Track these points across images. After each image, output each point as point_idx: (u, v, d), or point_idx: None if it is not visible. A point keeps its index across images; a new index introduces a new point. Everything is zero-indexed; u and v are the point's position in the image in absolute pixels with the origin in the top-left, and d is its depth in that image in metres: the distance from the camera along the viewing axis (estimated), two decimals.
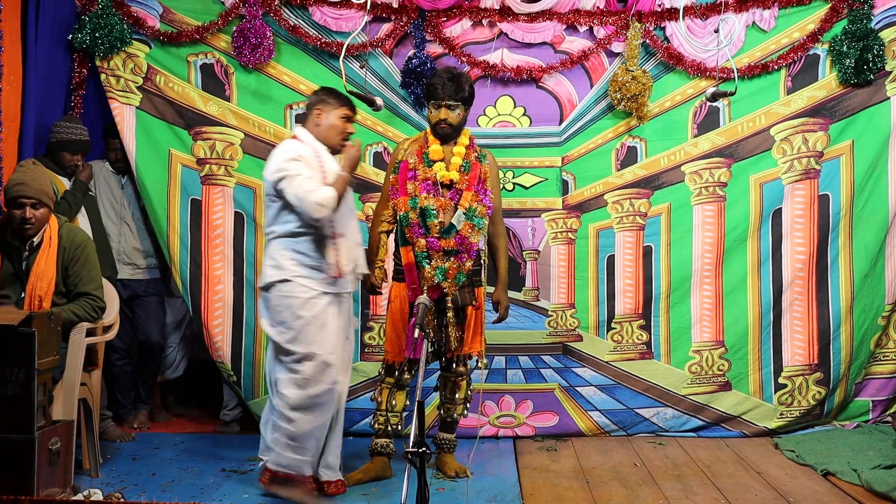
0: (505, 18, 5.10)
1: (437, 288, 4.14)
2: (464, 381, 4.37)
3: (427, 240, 4.13)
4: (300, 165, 3.83)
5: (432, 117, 4.20)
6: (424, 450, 2.79)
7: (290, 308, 3.86)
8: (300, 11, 5.09)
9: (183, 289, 5.08)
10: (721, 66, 5.01)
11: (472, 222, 4.16)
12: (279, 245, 3.92)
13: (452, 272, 4.14)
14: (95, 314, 4.18)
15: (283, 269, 3.87)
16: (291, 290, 3.86)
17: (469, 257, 4.18)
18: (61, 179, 4.74)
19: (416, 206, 4.14)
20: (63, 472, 3.58)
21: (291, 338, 3.86)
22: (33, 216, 4.03)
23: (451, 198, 4.16)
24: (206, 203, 5.11)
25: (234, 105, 5.11)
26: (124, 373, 5.15)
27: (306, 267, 3.87)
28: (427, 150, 4.22)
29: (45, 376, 3.56)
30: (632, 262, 5.18)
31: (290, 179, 3.79)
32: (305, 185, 3.77)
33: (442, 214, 4.14)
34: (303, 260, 3.87)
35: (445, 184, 4.17)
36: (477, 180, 4.20)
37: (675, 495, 4.05)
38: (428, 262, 4.13)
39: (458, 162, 4.19)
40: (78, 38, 4.93)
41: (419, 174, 4.18)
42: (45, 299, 4.04)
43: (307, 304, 3.86)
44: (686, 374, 5.14)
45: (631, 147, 5.19)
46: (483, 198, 4.20)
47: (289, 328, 3.87)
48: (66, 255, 4.12)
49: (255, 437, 5.03)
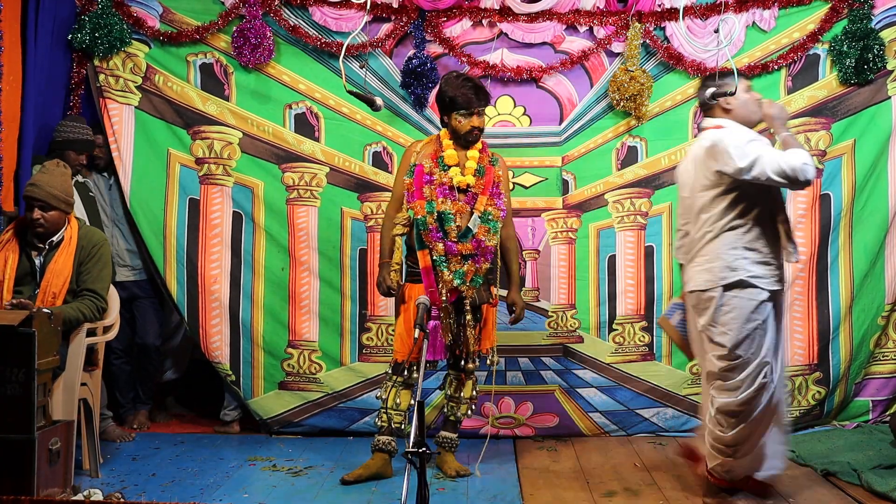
0: (505, 18, 5.10)
1: (455, 290, 4.21)
2: (470, 381, 4.40)
3: (445, 244, 4.20)
4: (759, 144, 3.64)
5: (462, 126, 4.25)
6: (424, 450, 2.79)
7: (740, 311, 3.66)
8: (300, 11, 5.09)
9: (178, 290, 5.07)
10: (721, 66, 5.00)
11: (488, 225, 4.25)
12: (726, 243, 3.70)
13: (470, 275, 4.23)
14: (98, 314, 4.20)
15: (737, 270, 3.67)
16: (745, 292, 3.67)
17: (485, 260, 4.27)
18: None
19: (434, 210, 4.22)
20: (63, 472, 3.58)
21: (733, 342, 3.67)
22: (41, 217, 4.10)
23: (467, 202, 4.26)
24: (205, 202, 5.10)
25: (233, 105, 5.11)
26: (123, 373, 5.15)
27: (759, 264, 3.68)
28: (442, 155, 4.29)
29: (45, 376, 3.57)
30: (633, 262, 5.18)
31: (760, 161, 3.56)
32: (783, 157, 3.55)
33: (459, 219, 4.23)
34: (755, 258, 3.69)
35: (461, 188, 4.26)
36: (491, 184, 4.29)
37: (675, 495, 4.04)
38: (446, 266, 4.21)
39: (473, 166, 4.28)
40: (77, 38, 4.93)
41: (435, 179, 4.25)
42: (59, 297, 4.10)
43: (759, 308, 3.67)
44: (687, 374, 5.13)
45: (631, 147, 5.19)
46: (497, 201, 4.30)
47: (730, 330, 3.68)
48: (82, 253, 4.19)
49: (255, 437, 5.07)
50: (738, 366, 3.67)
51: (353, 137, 5.16)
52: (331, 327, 5.13)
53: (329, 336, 5.14)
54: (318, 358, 5.13)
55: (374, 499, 4.01)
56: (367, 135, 5.15)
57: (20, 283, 4.12)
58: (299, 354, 5.12)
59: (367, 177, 5.16)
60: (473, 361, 4.33)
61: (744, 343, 3.66)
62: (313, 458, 4.65)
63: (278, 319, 5.13)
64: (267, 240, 5.12)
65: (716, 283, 3.69)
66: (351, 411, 5.10)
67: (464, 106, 4.23)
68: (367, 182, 5.15)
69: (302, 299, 5.12)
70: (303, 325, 5.12)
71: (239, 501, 3.93)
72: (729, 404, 3.68)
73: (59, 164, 4.25)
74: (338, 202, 5.15)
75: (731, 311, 3.67)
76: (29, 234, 4.19)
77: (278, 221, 5.12)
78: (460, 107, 4.24)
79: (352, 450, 4.82)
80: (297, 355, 5.13)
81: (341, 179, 5.15)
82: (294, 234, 5.12)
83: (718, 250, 3.70)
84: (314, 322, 5.13)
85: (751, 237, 3.68)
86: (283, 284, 5.12)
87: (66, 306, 4.05)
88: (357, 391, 5.10)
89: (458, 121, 4.26)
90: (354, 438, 5.04)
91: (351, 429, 5.09)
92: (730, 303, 3.67)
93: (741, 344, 3.66)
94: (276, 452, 4.73)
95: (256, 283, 5.12)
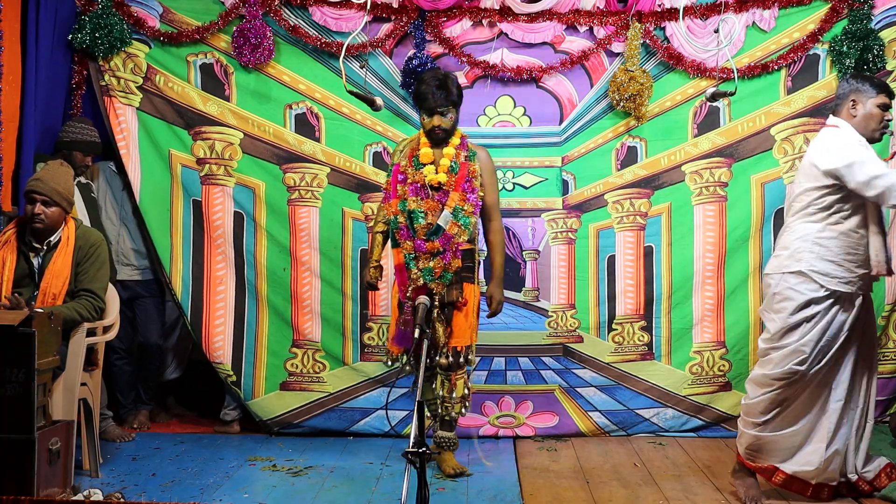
0: (505, 18, 5.11)
1: (423, 287, 4.19)
2: (460, 380, 4.34)
3: (414, 242, 4.22)
4: (864, 151, 3.69)
5: (425, 124, 4.31)
6: (424, 450, 2.79)
7: (791, 302, 3.72)
8: (300, 11, 5.09)
9: (183, 290, 5.08)
10: (721, 66, 5.01)
11: (459, 222, 4.23)
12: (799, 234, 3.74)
13: (438, 271, 4.21)
14: (95, 314, 4.20)
15: (800, 262, 3.71)
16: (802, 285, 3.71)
17: (455, 256, 4.24)
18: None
19: (405, 209, 4.24)
20: (63, 472, 3.59)
21: (777, 329, 3.75)
22: (42, 212, 4.12)
23: (439, 199, 4.25)
24: (206, 203, 5.10)
25: (233, 105, 5.11)
26: (124, 373, 5.15)
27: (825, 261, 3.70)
28: (418, 154, 4.31)
29: (45, 376, 3.57)
30: (633, 262, 5.18)
31: (860, 165, 3.61)
32: (880, 171, 3.58)
33: (430, 216, 4.23)
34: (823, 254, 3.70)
35: (434, 186, 4.26)
36: (464, 180, 4.27)
37: (675, 495, 4.04)
38: (415, 264, 4.22)
39: (446, 164, 4.28)
40: (78, 38, 4.93)
41: (408, 177, 4.28)
42: (59, 298, 4.11)
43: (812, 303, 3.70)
44: (687, 374, 5.13)
45: (631, 147, 5.19)
46: (469, 196, 4.26)
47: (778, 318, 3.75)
48: (79, 253, 4.20)
49: (255, 437, 5.07)
50: (778, 348, 3.75)
51: (353, 138, 5.17)
52: (333, 327, 5.14)
53: (331, 336, 5.14)
54: (322, 357, 5.14)
55: (374, 499, 4.01)
56: (367, 135, 5.16)
57: (18, 284, 4.12)
58: (303, 354, 5.13)
59: (367, 177, 5.16)
60: (445, 357, 4.30)
61: (788, 333, 3.73)
62: (313, 458, 4.65)
63: (283, 319, 5.13)
64: (268, 240, 5.12)
65: (779, 269, 3.79)
66: (352, 412, 5.11)
67: (423, 104, 4.28)
68: (368, 182, 5.16)
69: (304, 299, 5.13)
70: (305, 324, 5.13)
71: (239, 501, 3.93)
72: (757, 376, 3.81)
73: (63, 164, 4.28)
74: (339, 202, 5.15)
75: (783, 300, 3.75)
76: (27, 234, 4.19)
77: (280, 222, 5.12)
78: (420, 105, 4.31)
79: (352, 450, 4.82)
80: (300, 355, 5.13)
81: (342, 180, 5.16)
82: (296, 234, 5.13)
83: (790, 239, 3.79)
84: (317, 322, 5.13)
85: (826, 234, 3.72)
86: (285, 284, 5.13)
87: (62, 306, 4.05)
88: (359, 390, 5.11)
89: (423, 118, 4.32)
90: (354, 438, 5.04)
91: (351, 430, 5.09)
92: (784, 292, 3.75)
93: (786, 334, 3.73)
94: (276, 452, 4.73)
95: (260, 284, 5.12)
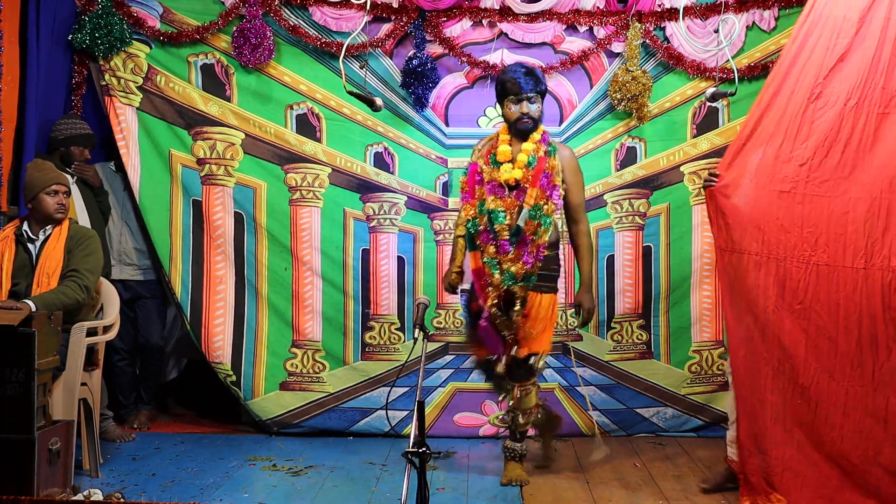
0: (505, 18, 5.11)
1: (507, 292, 4.02)
2: (534, 389, 4.23)
3: (496, 244, 4.02)
4: None
5: (511, 114, 4.09)
6: (424, 450, 2.79)
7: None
8: (300, 11, 5.09)
9: (183, 290, 5.08)
10: (721, 67, 5.01)
11: (539, 220, 4.01)
12: None
13: (520, 275, 4.01)
14: (82, 293, 4.13)
15: None
16: None
17: (537, 259, 4.04)
18: (66, 176, 4.76)
19: (484, 210, 4.04)
20: (63, 472, 3.60)
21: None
22: (64, 203, 4.27)
23: (517, 197, 4.03)
24: (207, 203, 5.11)
25: (234, 105, 5.11)
26: (125, 373, 5.16)
27: None
28: (495, 151, 4.11)
29: (45, 376, 3.58)
30: (631, 261, 5.19)
31: None
32: None
33: (509, 217, 4.01)
34: None
35: (511, 185, 4.05)
36: (542, 175, 4.04)
37: (675, 495, 4.05)
38: (497, 269, 4.02)
39: (523, 160, 4.05)
40: (78, 38, 4.93)
41: (485, 176, 4.09)
42: (52, 278, 4.14)
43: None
44: (686, 373, 5.14)
45: (630, 147, 5.19)
46: (551, 193, 4.06)
47: None
48: (71, 241, 4.25)
49: (255, 437, 5.08)
50: None
51: (354, 138, 5.16)
52: (334, 327, 5.14)
53: (332, 335, 5.14)
54: (322, 357, 5.14)
55: (374, 499, 4.02)
56: (368, 135, 5.16)
57: (17, 274, 4.16)
58: (303, 354, 5.13)
59: (368, 177, 5.16)
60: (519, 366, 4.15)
61: None
62: (313, 457, 4.65)
63: (283, 319, 5.14)
64: (269, 240, 5.12)
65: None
66: (352, 412, 5.11)
67: (512, 92, 4.07)
68: (369, 182, 5.16)
69: (305, 299, 5.13)
70: (306, 324, 5.13)
71: (239, 501, 3.94)
72: None
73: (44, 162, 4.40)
74: (340, 203, 5.15)
75: None
76: (27, 226, 4.25)
77: (280, 222, 5.12)
78: (506, 94, 4.10)
79: (352, 449, 4.83)
80: (300, 355, 5.13)
81: (343, 180, 5.16)
82: (297, 234, 5.13)
83: None
84: (317, 322, 5.14)
85: None
86: (286, 284, 5.13)
87: (46, 292, 4.04)
88: (360, 390, 5.11)
89: (508, 108, 4.11)
90: (354, 438, 5.05)
91: (351, 430, 5.10)
92: None
93: None
94: (276, 452, 4.74)
95: (261, 283, 5.13)
